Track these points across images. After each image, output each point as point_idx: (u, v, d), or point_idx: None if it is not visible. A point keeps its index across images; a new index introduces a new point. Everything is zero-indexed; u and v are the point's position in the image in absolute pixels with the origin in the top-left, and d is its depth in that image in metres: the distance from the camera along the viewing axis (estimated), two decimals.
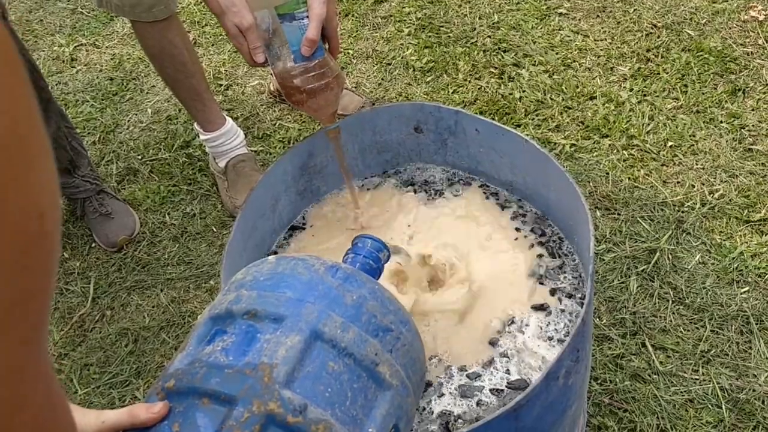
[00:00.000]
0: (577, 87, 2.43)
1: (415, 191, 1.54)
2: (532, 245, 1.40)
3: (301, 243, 1.48)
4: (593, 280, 1.17)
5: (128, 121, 2.54)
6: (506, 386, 1.21)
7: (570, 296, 1.30)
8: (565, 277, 1.34)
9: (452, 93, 2.47)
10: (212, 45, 2.78)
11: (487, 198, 1.51)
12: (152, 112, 2.56)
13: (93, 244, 2.18)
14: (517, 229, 1.43)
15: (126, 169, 2.38)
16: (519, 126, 2.33)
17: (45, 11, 3.06)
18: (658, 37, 2.57)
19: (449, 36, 2.68)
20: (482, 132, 1.49)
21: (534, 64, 2.54)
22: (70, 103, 2.63)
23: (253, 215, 1.40)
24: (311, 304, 0.78)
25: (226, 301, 0.82)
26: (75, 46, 2.87)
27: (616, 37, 2.59)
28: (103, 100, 2.63)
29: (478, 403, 1.19)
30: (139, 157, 2.41)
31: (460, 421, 1.17)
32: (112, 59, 2.79)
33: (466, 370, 1.23)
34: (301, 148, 1.50)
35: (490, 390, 1.21)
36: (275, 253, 1.47)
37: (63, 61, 2.81)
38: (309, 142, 1.50)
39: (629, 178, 2.14)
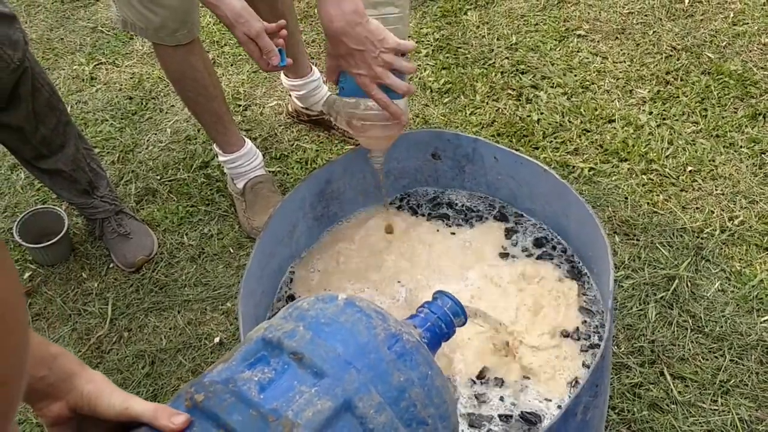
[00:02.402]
0: (596, 110, 2.42)
1: (440, 220, 1.54)
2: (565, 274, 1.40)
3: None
4: (612, 316, 1.16)
5: (147, 140, 2.56)
6: (519, 416, 1.21)
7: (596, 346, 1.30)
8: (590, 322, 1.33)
9: (470, 115, 2.47)
10: (231, 65, 2.79)
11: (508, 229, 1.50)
12: (171, 132, 2.57)
13: (111, 265, 2.19)
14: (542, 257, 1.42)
15: (145, 189, 2.39)
16: (537, 149, 2.33)
17: (65, 29, 3.09)
18: (678, 59, 2.56)
19: (467, 57, 2.68)
20: (500, 160, 1.49)
21: (552, 86, 2.53)
22: (90, 122, 2.65)
23: (271, 242, 1.41)
24: (356, 372, 0.76)
25: (282, 329, 0.81)
26: (95, 65, 2.89)
27: (635, 60, 2.58)
28: (122, 119, 2.65)
29: None
30: (158, 177, 2.42)
31: None
32: (131, 78, 2.81)
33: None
34: (319, 175, 1.50)
35: (499, 416, 1.21)
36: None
37: (83, 80, 2.83)
38: (327, 169, 1.51)
39: (648, 203, 2.13)
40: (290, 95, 2.50)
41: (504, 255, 1.44)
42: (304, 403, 0.72)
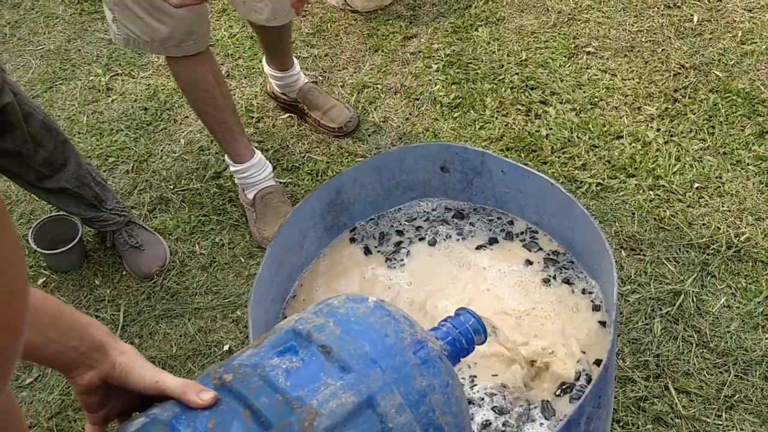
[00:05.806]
0: (604, 126, 2.45)
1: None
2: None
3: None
4: (616, 328, 1.18)
5: (161, 150, 2.59)
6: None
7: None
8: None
9: (479, 129, 2.50)
10: (245, 78, 2.83)
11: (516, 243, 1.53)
12: (185, 142, 2.61)
13: (123, 272, 2.23)
14: (547, 280, 1.44)
15: (158, 198, 2.43)
16: (545, 164, 2.35)
17: (83, 41, 3.14)
18: (686, 77, 2.58)
19: (477, 72, 2.71)
20: (508, 173, 1.51)
21: (561, 102, 2.56)
22: (105, 132, 2.69)
23: (281, 251, 1.43)
24: (381, 371, 0.78)
25: (313, 323, 0.83)
26: (111, 76, 2.94)
27: (643, 77, 2.61)
28: (137, 129, 2.69)
29: None
30: (171, 186, 2.46)
31: None
32: (146, 89, 2.85)
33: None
34: (329, 186, 1.53)
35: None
36: None
37: (99, 91, 2.88)
38: (337, 179, 1.53)
39: (655, 219, 2.15)
40: (270, 81, 2.63)
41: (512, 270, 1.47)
42: (329, 394, 0.75)
